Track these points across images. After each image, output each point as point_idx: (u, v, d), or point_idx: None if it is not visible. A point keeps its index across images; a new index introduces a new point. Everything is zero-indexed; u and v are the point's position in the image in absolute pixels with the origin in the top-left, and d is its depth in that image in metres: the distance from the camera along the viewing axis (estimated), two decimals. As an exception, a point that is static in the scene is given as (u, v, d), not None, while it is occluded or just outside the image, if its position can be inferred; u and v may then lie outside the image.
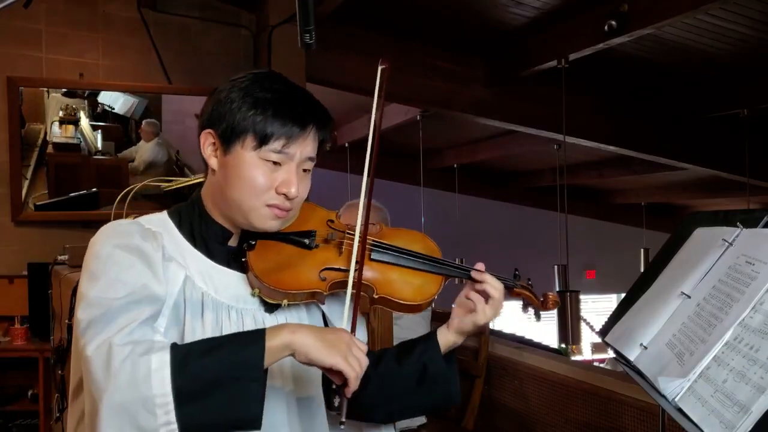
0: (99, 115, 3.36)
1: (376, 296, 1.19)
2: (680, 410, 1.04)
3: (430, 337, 1.25)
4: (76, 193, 3.19)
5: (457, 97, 4.73)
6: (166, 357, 0.91)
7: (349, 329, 1.06)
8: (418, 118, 5.67)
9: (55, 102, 3.21)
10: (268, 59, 3.50)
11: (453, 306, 1.27)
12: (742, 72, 4.55)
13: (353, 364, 0.97)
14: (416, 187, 6.91)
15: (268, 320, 1.14)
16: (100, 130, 3.40)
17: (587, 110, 5.07)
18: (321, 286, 1.15)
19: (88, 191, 3.20)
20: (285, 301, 1.12)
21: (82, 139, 3.30)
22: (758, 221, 1.20)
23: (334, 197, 3.17)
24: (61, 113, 3.24)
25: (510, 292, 1.31)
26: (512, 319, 9.69)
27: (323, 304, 1.19)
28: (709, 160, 5.87)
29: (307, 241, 1.17)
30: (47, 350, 3.28)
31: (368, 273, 1.18)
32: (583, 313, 4.00)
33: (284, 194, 1.09)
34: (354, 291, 1.12)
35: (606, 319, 1.64)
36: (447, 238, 7.96)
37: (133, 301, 1.00)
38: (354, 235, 1.18)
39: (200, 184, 1.20)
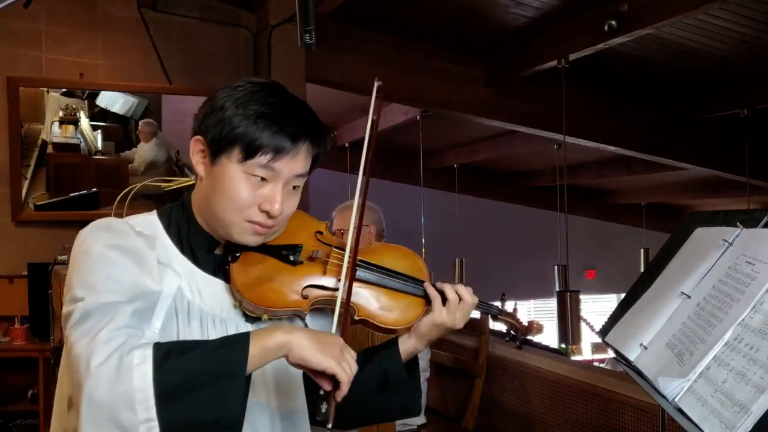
0: (98, 115, 3.36)
1: (356, 317, 1.16)
2: (680, 410, 1.04)
3: (392, 344, 1.23)
4: (76, 193, 3.19)
5: (457, 97, 4.73)
6: (148, 352, 0.90)
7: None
8: (418, 118, 5.67)
9: (54, 101, 3.20)
10: (268, 59, 3.50)
11: None
12: (742, 72, 4.55)
13: (346, 368, 0.96)
14: (416, 187, 6.91)
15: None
16: (100, 130, 3.40)
17: (587, 110, 5.07)
18: (302, 305, 1.13)
19: (88, 191, 3.20)
20: (265, 316, 1.11)
21: (82, 139, 3.30)
22: (758, 221, 1.20)
23: (334, 197, 3.17)
24: (61, 113, 3.24)
25: (494, 319, 1.33)
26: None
27: (303, 320, 1.17)
28: (709, 160, 5.87)
29: (291, 257, 1.14)
30: (47, 350, 3.28)
31: (352, 293, 1.14)
32: (583, 313, 4.00)
33: (266, 212, 1.07)
34: (342, 310, 1.10)
35: (606, 319, 1.64)
36: (447, 238, 7.98)
37: (123, 298, 0.98)
38: (341, 251, 1.15)
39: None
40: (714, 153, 5.79)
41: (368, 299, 1.18)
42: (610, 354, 1.63)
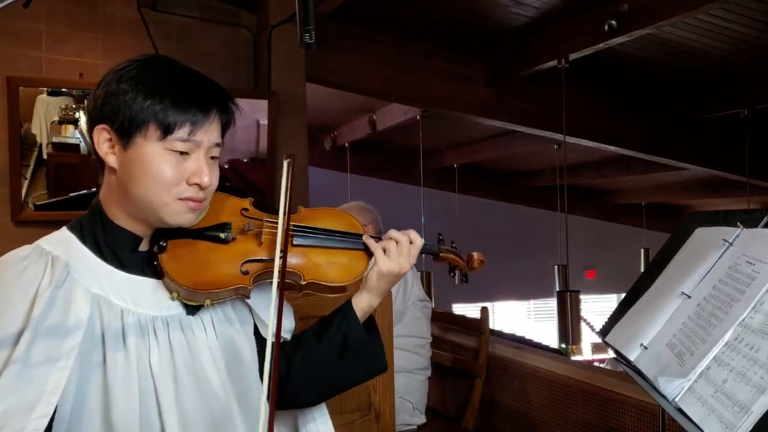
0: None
1: (303, 282, 1.15)
2: (680, 410, 1.04)
3: (346, 306, 1.21)
4: (76, 193, 3.18)
5: (457, 97, 4.73)
6: None
7: (275, 321, 1.01)
8: (418, 118, 5.67)
9: (42, 103, 3.20)
10: (268, 59, 3.50)
11: None
12: (742, 72, 4.55)
13: None
14: (416, 187, 6.91)
15: (195, 324, 1.09)
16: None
17: (587, 110, 5.07)
18: (244, 281, 1.09)
19: (88, 191, 3.20)
20: (207, 301, 1.07)
21: (81, 139, 3.30)
22: (758, 221, 1.20)
23: (334, 197, 3.17)
24: (61, 113, 3.24)
25: (436, 258, 1.31)
26: (512, 319, 9.71)
27: (248, 298, 1.13)
28: (709, 160, 5.86)
29: (222, 234, 1.10)
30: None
31: (293, 259, 1.13)
32: (583, 313, 4.00)
33: (197, 184, 1.03)
34: (279, 280, 1.05)
35: (606, 319, 1.64)
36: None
37: (8, 349, 0.91)
38: (272, 222, 1.13)
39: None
40: (714, 153, 5.79)
41: (311, 261, 1.16)
42: (610, 354, 1.63)
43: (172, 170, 1.02)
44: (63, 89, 3.24)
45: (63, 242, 1.04)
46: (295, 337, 1.23)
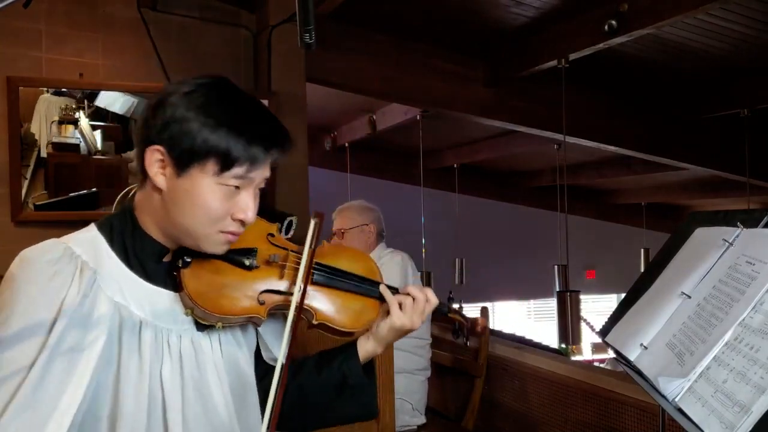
0: (94, 114, 3.36)
1: (315, 322, 1.15)
2: (680, 410, 1.04)
3: (350, 347, 1.23)
4: (76, 193, 3.19)
5: (457, 97, 4.73)
6: None
7: (285, 356, 1.03)
8: (418, 118, 5.67)
9: (43, 102, 3.20)
10: (268, 59, 3.50)
11: None
12: (742, 72, 4.55)
13: None
14: (416, 187, 6.91)
15: (203, 340, 1.09)
16: (99, 130, 3.40)
17: (587, 110, 5.07)
18: (259, 311, 1.10)
19: (88, 191, 3.20)
20: (219, 324, 1.08)
21: (81, 139, 3.30)
22: (758, 221, 1.20)
23: (334, 197, 3.17)
24: (61, 113, 3.24)
25: (444, 316, 1.33)
26: (512, 319, 9.71)
27: (259, 326, 1.15)
28: (709, 160, 5.87)
29: (247, 261, 1.11)
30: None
31: (309, 298, 1.14)
32: (583, 313, 4.00)
33: (240, 220, 1.04)
34: (295, 314, 1.07)
35: (606, 319, 1.64)
36: (447, 238, 7.98)
37: (35, 350, 0.91)
38: (297, 254, 1.14)
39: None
40: (714, 153, 5.79)
41: (325, 303, 1.17)
42: (610, 354, 1.63)
43: (221, 205, 1.02)
44: (64, 89, 3.24)
45: (92, 245, 1.04)
46: (296, 361, 1.24)
